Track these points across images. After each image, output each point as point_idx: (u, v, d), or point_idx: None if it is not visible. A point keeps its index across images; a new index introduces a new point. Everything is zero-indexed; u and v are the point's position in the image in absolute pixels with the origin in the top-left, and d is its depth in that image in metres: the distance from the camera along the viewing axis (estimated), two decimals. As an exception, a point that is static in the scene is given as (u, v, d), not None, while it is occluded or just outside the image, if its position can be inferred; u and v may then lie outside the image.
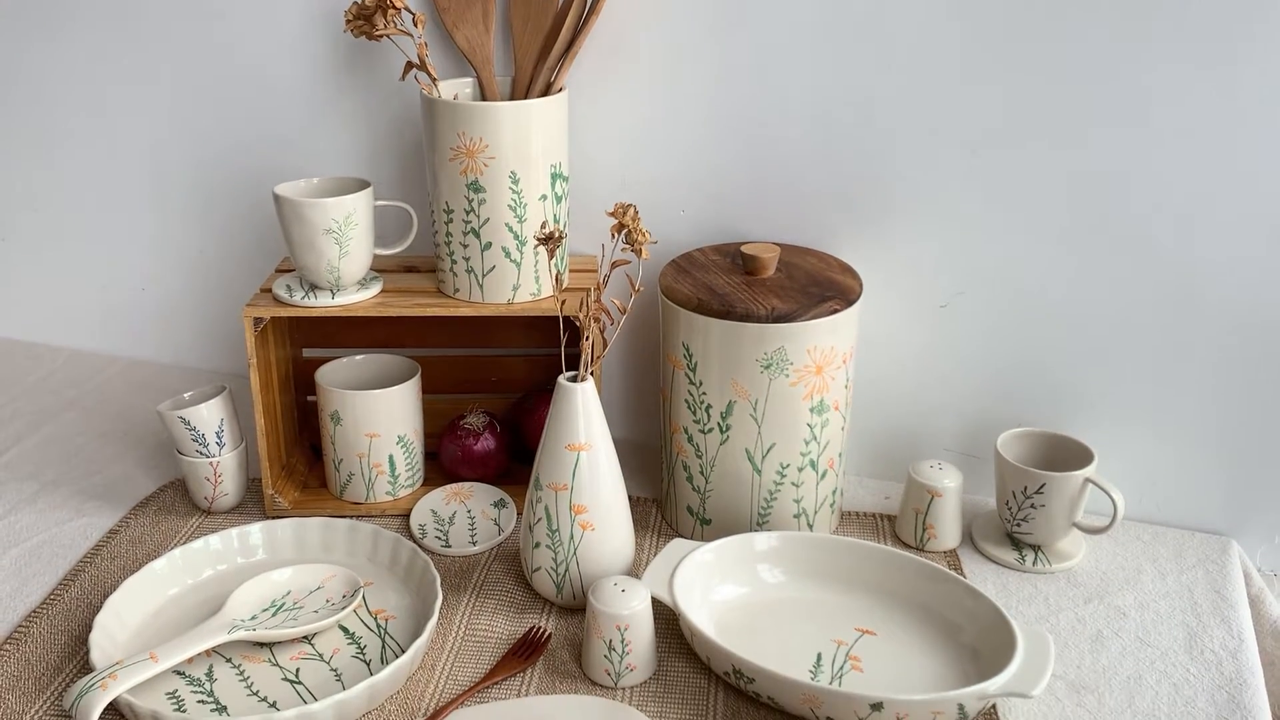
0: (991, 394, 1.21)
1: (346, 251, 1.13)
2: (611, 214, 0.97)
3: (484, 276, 1.14)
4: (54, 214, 1.48)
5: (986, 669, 0.94)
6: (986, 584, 1.10)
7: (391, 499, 1.22)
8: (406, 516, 1.20)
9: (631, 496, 1.13)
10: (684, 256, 1.18)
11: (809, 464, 1.11)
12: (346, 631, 1.03)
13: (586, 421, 1.01)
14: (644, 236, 0.97)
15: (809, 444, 1.10)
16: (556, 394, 1.01)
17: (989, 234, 1.16)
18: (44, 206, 1.48)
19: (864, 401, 1.22)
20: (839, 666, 0.98)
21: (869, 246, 1.19)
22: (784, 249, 1.17)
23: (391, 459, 1.20)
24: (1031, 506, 1.11)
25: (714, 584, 1.05)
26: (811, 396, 1.08)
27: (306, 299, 1.14)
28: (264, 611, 1.03)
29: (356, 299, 1.15)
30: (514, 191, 1.10)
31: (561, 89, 1.14)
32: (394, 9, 1.09)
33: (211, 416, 1.17)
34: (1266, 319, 1.11)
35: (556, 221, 1.15)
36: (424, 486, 1.25)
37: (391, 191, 1.30)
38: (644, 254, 0.97)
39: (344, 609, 1.02)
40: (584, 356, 1.01)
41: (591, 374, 1.02)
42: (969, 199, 1.15)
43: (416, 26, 1.11)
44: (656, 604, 0.99)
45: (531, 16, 1.15)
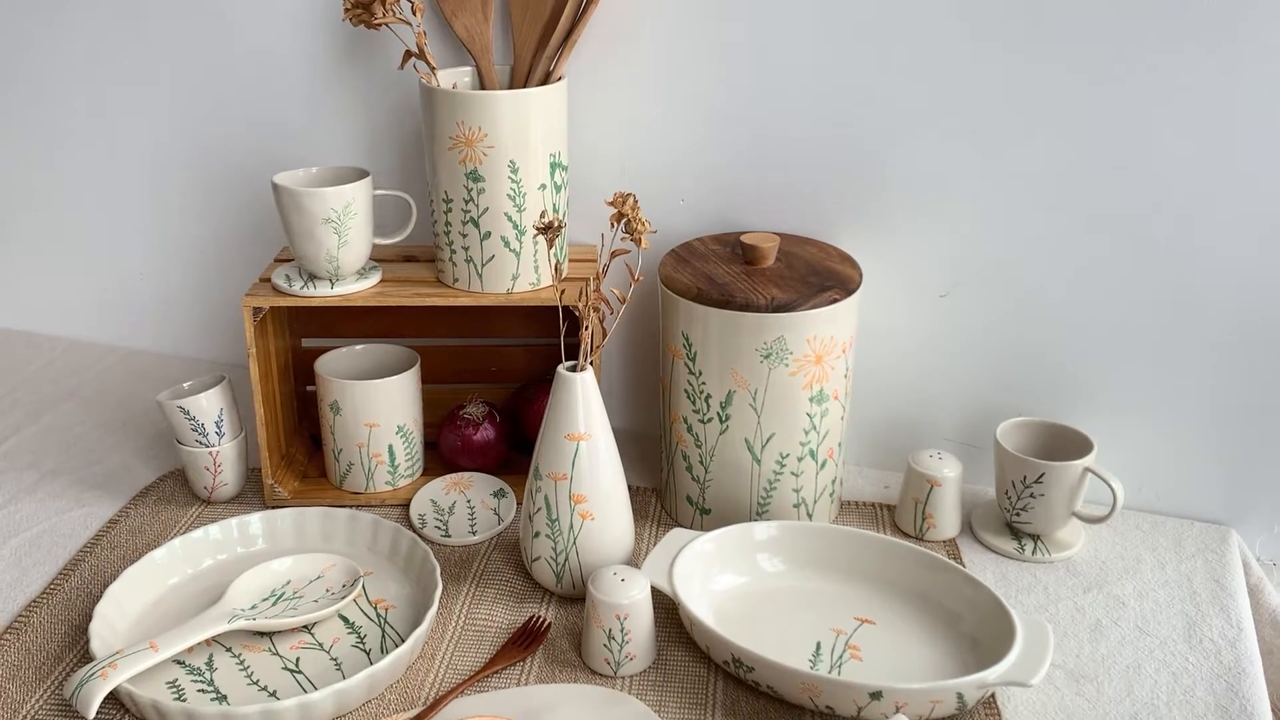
0: (991, 383, 1.21)
1: (345, 241, 1.13)
2: (611, 203, 0.97)
3: (483, 266, 1.14)
4: (53, 204, 1.48)
5: (986, 658, 0.94)
6: (986, 573, 1.11)
7: (391, 489, 1.22)
8: (406, 506, 1.20)
9: (631, 486, 1.13)
10: (683, 246, 1.18)
11: (808, 454, 1.11)
12: (346, 621, 1.03)
13: (586, 411, 1.01)
14: (643, 226, 0.97)
15: (808, 434, 1.10)
16: (556, 384, 1.01)
17: (989, 224, 1.15)
18: (43, 197, 1.47)
19: (863, 391, 1.22)
20: (838, 655, 0.98)
21: (869, 236, 1.19)
22: (784, 238, 1.17)
23: (391, 449, 1.20)
24: (1031, 496, 1.11)
25: (713, 573, 1.05)
26: (811, 386, 1.08)
27: (306, 289, 1.14)
28: (264, 601, 1.03)
29: (355, 289, 1.15)
30: (513, 181, 1.10)
31: (561, 78, 1.14)
32: (393, -3, 1.08)
33: (211, 406, 1.17)
34: (1266, 309, 1.10)
35: (556, 211, 1.14)
36: (423, 476, 1.25)
37: (390, 181, 1.30)
38: (643, 243, 0.97)
39: (344, 598, 1.03)
40: (583, 346, 1.01)
41: (591, 364, 1.02)
42: (969, 189, 1.15)
43: (415, 15, 1.11)
44: (656, 593, 0.99)
45: (530, 5, 1.14)
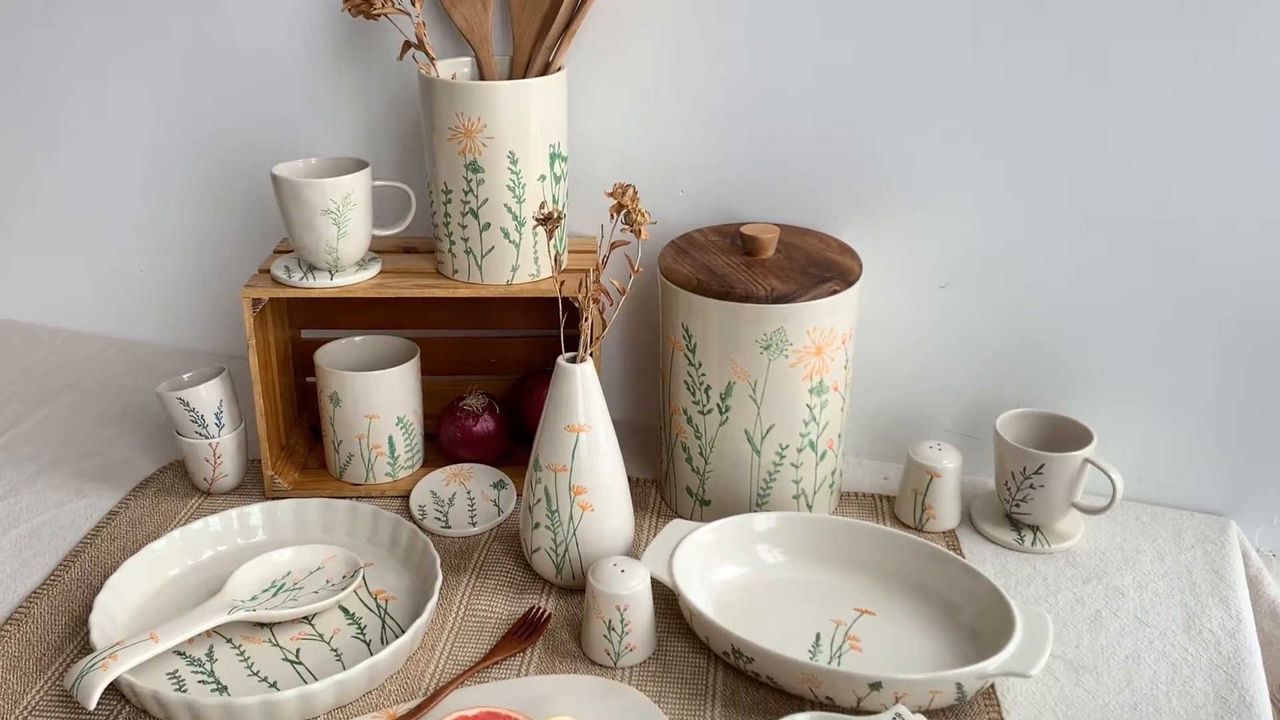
0: (991, 375, 1.21)
1: (345, 232, 1.13)
2: (610, 194, 0.96)
3: (483, 257, 1.14)
4: (53, 197, 1.47)
5: (985, 649, 0.94)
6: (985, 564, 1.11)
7: (391, 480, 1.22)
8: (406, 498, 1.20)
9: (631, 478, 1.14)
10: (683, 237, 1.17)
11: (808, 445, 1.11)
12: (346, 612, 1.03)
13: (586, 402, 1.01)
14: (643, 217, 0.96)
15: (808, 425, 1.10)
16: (556, 375, 1.01)
17: (989, 215, 1.15)
18: (42, 190, 1.47)
19: (863, 382, 1.22)
20: (838, 646, 0.98)
21: (869, 227, 1.18)
22: (783, 230, 1.17)
23: (391, 440, 1.20)
24: (1030, 487, 1.11)
25: (713, 564, 1.05)
26: (811, 377, 1.08)
27: (305, 280, 1.14)
28: (264, 592, 1.03)
29: (355, 280, 1.15)
30: (512, 172, 1.10)
31: (560, 68, 1.13)
32: (391, -12, 1.08)
33: (210, 398, 1.17)
34: (1266, 300, 1.10)
35: (555, 202, 1.14)
36: (423, 468, 1.25)
37: (390, 172, 1.29)
38: (643, 234, 0.97)
39: (344, 589, 1.03)
40: (583, 337, 1.01)
41: (591, 355, 1.02)
42: (969, 179, 1.15)
43: (414, 5, 1.11)
44: (656, 584, 0.99)
45: (530, -5, 1.14)
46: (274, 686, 0.94)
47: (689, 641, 1.00)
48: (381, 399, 1.18)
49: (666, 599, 1.03)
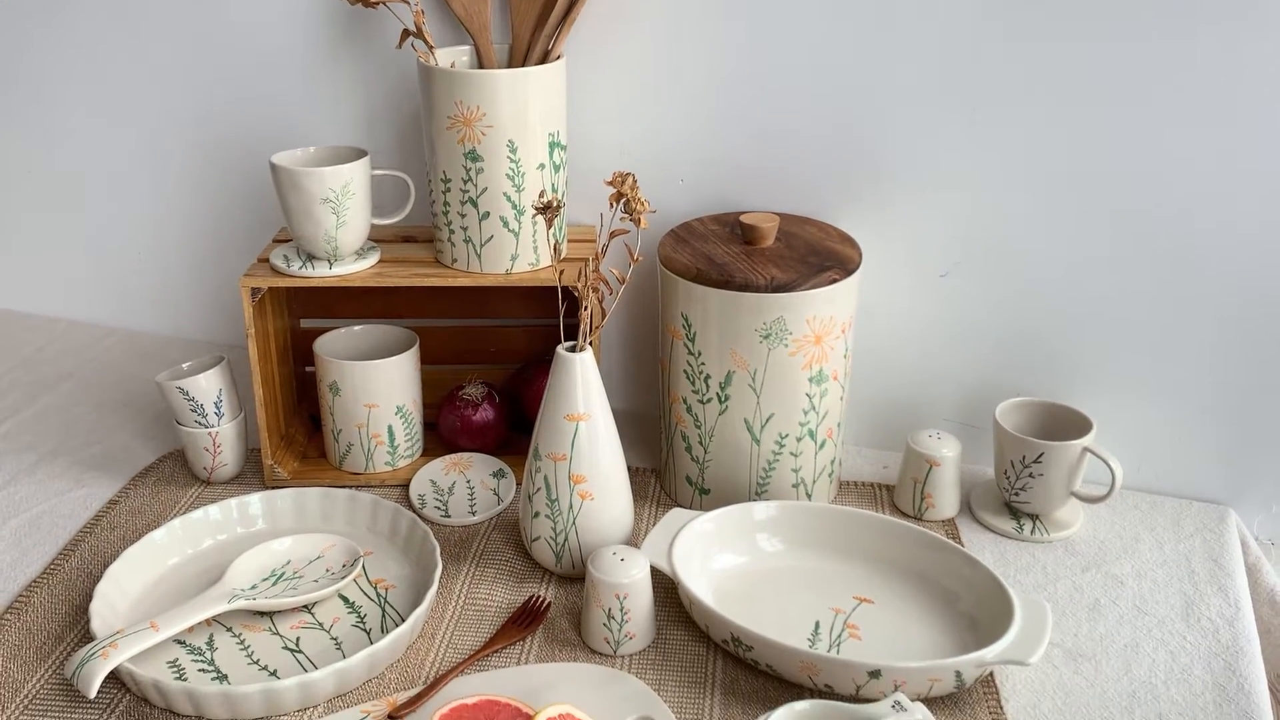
0: (990, 363, 1.21)
1: (344, 221, 1.12)
2: (610, 183, 0.96)
3: (482, 246, 1.14)
4: (51, 185, 1.47)
5: (984, 637, 0.94)
6: (984, 553, 1.11)
7: (390, 469, 1.22)
8: (405, 487, 1.20)
9: (630, 467, 1.13)
10: (683, 226, 1.17)
11: (808, 434, 1.11)
12: (346, 601, 1.03)
13: (585, 391, 1.01)
14: (642, 206, 0.96)
15: (808, 414, 1.10)
16: (555, 364, 1.01)
17: (989, 204, 1.15)
18: (41, 179, 1.47)
19: (863, 371, 1.22)
20: (837, 634, 0.98)
21: (868, 216, 1.18)
22: (783, 218, 1.17)
23: (390, 429, 1.20)
24: (1030, 476, 1.11)
25: (713, 553, 1.06)
26: (810, 366, 1.08)
27: (304, 269, 1.14)
28: (264, 581, 1.03)
29: (354, 269, 1.15)
30: (512, 160, 1.10)
31: (559, 57, 1.13)
32: (390, -24, 1.08)
33: (210, 387, 1.17)
34: (1266, 289, 1.10)
35: (555, 191, 1.14)
36: (423, 457, 1.25)
37: (389, 161, 1.29)
38: (643, 223, 0.97)
39: (344, 578, 1.03)
40: (582, 326, 1.01)
41: (590, 344, 1.02)
42: (969, 169, 1.14)
43: (413, -6, 1.10)
44: (655, 573, 0.99)
45: (529, -17, 1.14)
46: (274, 675, 0.95)
47: (688, 630, 1.01)
48: (381, 388, 1.18)
49: (666, 587, 1.03)
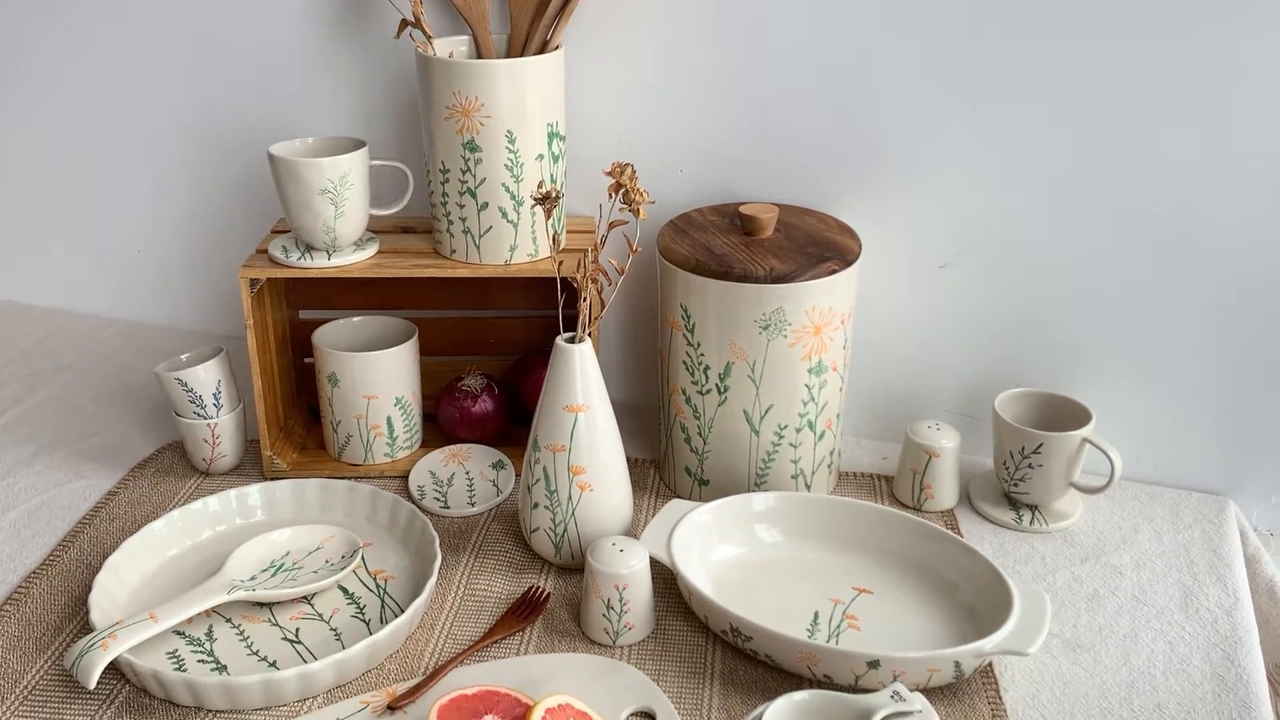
0: (990, 354, 1.21)
1: (342, 212, 1.12)
2: (609, 174, 0.96)
3: (480, 237, 1.13)
4: (50, 176, 1.47)
5: (983, 627, 0.94)
6: (983, 543, 1.11)
7: (390, 460, 1.22)
8: (405, 478, 1.20)
9: (630, 458, 1.13)
10: (682, 217, 1.17)
11: (807, 425, 1.11)
12: (346, 592, 1.03)
13: (584, 383, 1.01)
14: (641, 196, 0.96)
15: (807, 405, 1.10)
16: (554, 355, 1.01)
17: (988, 195, 1.15)
18: (39, 169, 1.47)
19: (862, 362, 1.22)
20: (836, 625, 0.98)
21: (868, 207, 1.18)
22: (782, 209, 1.17)
23: (389, 421, 1.20)
24: (1029, 466, 1.11)
25: (712, 544, 1.06)
26: (810, 357, 1.08)
27: (303, 260, 1.14)
28: (263, 572, 1.03)
29: (353, 260, 1.15)
30: (510, 151, 1.10)
31: (558, 47, 1.13)
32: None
33: (209, 378, 1.17)
34: (1265, 280, 1.10)
35: (553, 181, 1.14)
36: (422, 448, 1.25)
37: (387, 151, 1.29)
38: (642, 214, 0.96)
39: (343, 569, 1.03)
40: (582, 317, 1.01)
41: (589, 335, 1.02)
42: (969, 159, 1.14)
43: (411, -17, 1.10)
44: (654, 564, 0.99)
45: (527, -27, 1.13)
46: (274, 666, 0.95)
47: (687, 620, 1.01)
48: (380, 379, 1.18)
49: (665, 578, 1.03)
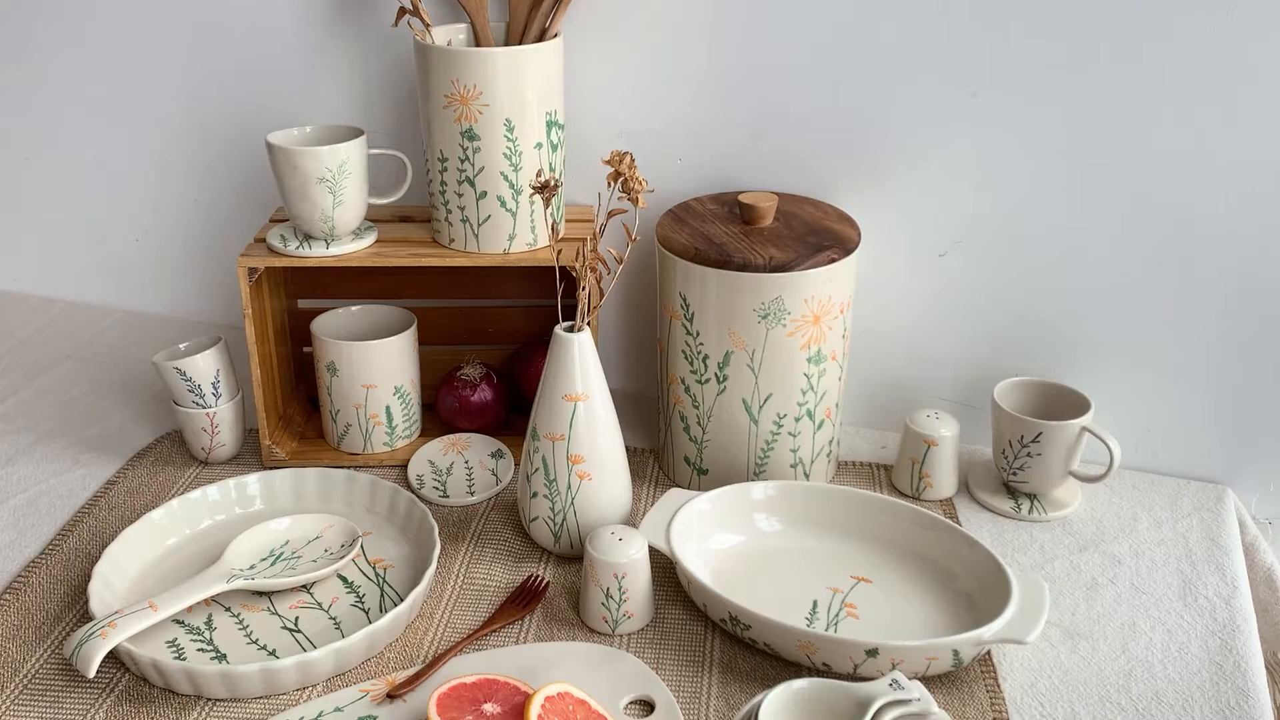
0: (989, 343, 1.21)
1: (341, 201, 1.12)
2: (608, 162, 0.96)
3: (479, 226, 1.13)
4: (49, 167, 1.46)
5: (982, 616, 0.94)
6: (982, 532, 1.11)
7: (389, 450, 1.22)
8: (404, 467, 1.20)
9: (629, 447, 1.14)
10: (681, 206, 1.17)
11: (806, 414, 1.11)
12: (345, 580, 1.03)
13: (583, 372, 1.00)
14: (640, 185, 0.96)
15: (806, 394, 1.10)
16: (553, 344, 1.01)
17: (988, 183, 1.15)
18: (37, 158, 1.46)
19: (861, 351, 1.22)
20: (835, 613, 0.98)
21: (867, 195, 1.18)
22: (782, 198, 1.17)
23: (388, 410, 1.20)
24: (1028, 455, 1.11)
25: (711, 533, 1.06)
26: (809, 346, 1.08)
27: (301, 249, 1.14)
28: (262, 561, 1.03)
29: (351, 249, 1.15)
30: (509, 140, 1.09)
31: (556, 35, 1.13)
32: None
33: (207, 367, 1.17)
34: (1265, 268, 1.10)
35: (552, 170, 1.14)
36: (421, 438, 1.25)
37: (386, 140, 1.29)
38: (640, 203, 0.96)
39: (342, 558, 1.03)
40: (580, 307, 1.00)
41: (588, 324, 1.02)
42: (968, 148, 1.14)
43: (409, -29, 1.09)
44: (653, 553, 1.00)
45: (526, -39, 1.13)
46: (273, 654, 0.95)
47: (686, 609, 1.01)
48: (379, 368, 1.18)
49: (664, 567, 1.03)
